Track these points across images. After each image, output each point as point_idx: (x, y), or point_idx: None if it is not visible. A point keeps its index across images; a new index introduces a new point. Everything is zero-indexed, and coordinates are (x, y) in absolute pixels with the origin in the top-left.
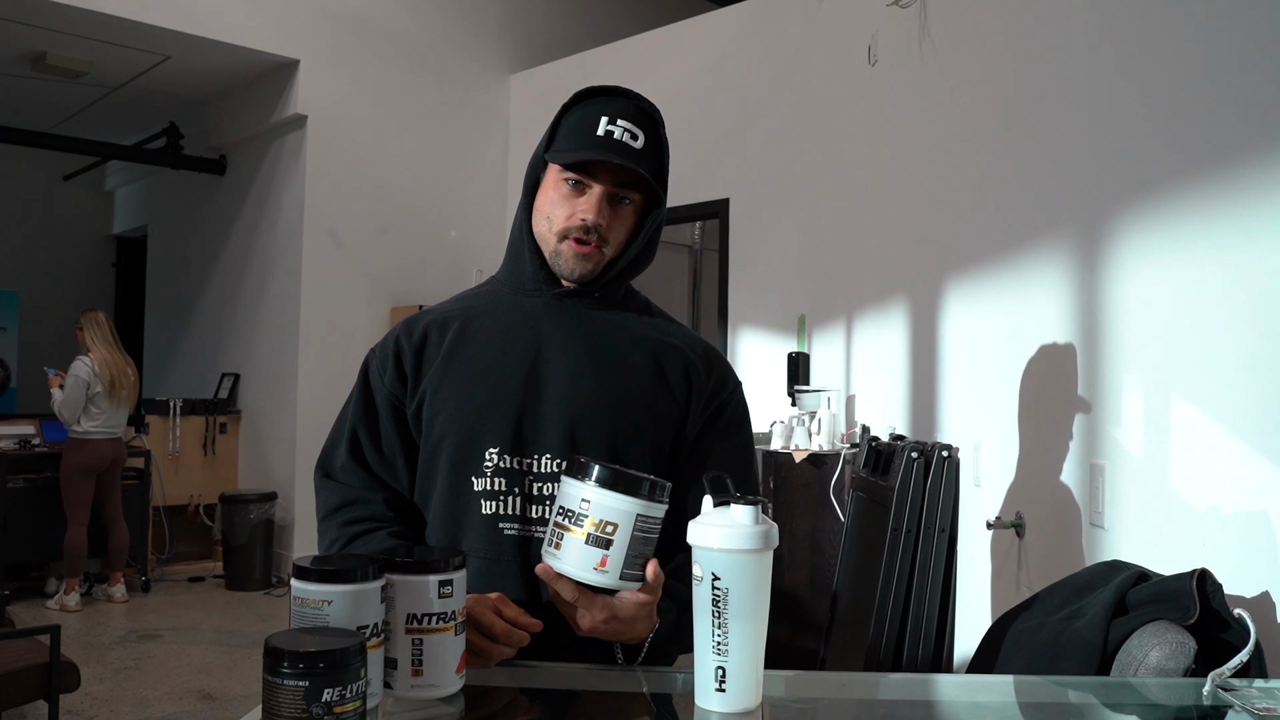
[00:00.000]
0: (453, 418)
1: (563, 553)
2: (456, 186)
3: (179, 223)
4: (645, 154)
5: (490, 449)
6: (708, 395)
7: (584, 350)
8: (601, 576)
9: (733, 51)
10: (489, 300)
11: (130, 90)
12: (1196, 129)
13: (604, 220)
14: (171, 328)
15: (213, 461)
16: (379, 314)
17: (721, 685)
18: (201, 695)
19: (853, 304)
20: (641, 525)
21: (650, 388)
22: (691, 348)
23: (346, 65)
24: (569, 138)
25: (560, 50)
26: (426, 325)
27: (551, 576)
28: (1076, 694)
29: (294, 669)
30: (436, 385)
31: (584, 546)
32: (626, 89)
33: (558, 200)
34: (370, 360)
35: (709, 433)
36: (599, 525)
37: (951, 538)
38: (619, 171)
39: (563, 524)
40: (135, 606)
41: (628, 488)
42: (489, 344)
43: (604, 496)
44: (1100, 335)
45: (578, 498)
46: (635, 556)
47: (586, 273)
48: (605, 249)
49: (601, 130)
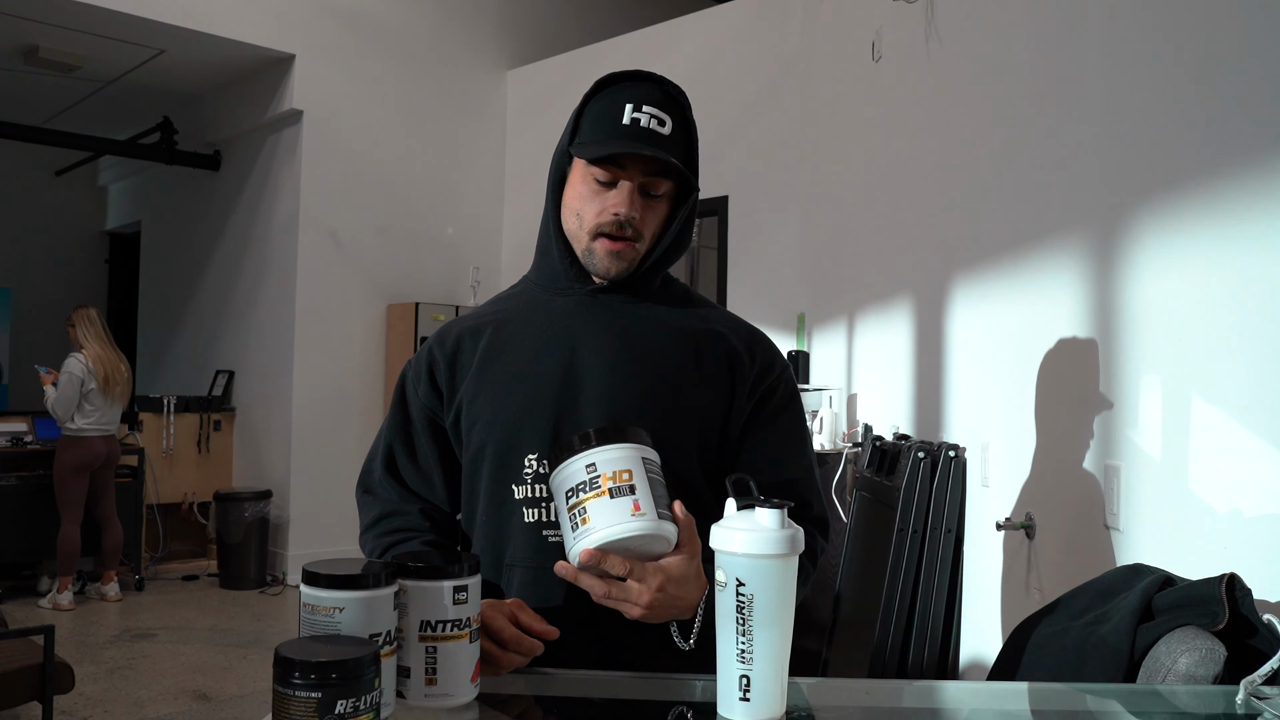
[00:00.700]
0: (489, 426)
1: (593, 522)
2: (453, 183)
3: (173, 219)
4: (674, 140)
5: (529, 455)
6: (753, 381)
7: (620, 346)
8: (640, 521)
9: (733, 48)
10: (521, 302)
11: (124, 85)
12: (1219, 126)
13: (637, 213)
14: (165, 324)
15: (207, 459)
16: (375, 311)
17: (745, 695)
18: (196, 695)
19: (854, 302)
20: (649, 468)
21: (691, 380)
22: (734, 332)
23: (342, 60)
24: (594, 129)
25: (558, 46)
26: (459, 334)
27: (592, 558)
28: (1107, 702)
29: (305, 680)
30: (473, 394)
31: (611, 502)
32: (650, 73)
33: (587, 196)
34: (406, 374)
35: (758, 419)
36: (615, 476)
37: (958, 539)
38: (649, 161)
39: (578, 500)
40: (129, 605)
41: (622, 437)
42: (523, 348)
43: (606, 452)
44: (1116, 335)
45: (581, 467)
46: (659, 497)
47: (621, 270)
48: (639, 244)
49: (627, 119)
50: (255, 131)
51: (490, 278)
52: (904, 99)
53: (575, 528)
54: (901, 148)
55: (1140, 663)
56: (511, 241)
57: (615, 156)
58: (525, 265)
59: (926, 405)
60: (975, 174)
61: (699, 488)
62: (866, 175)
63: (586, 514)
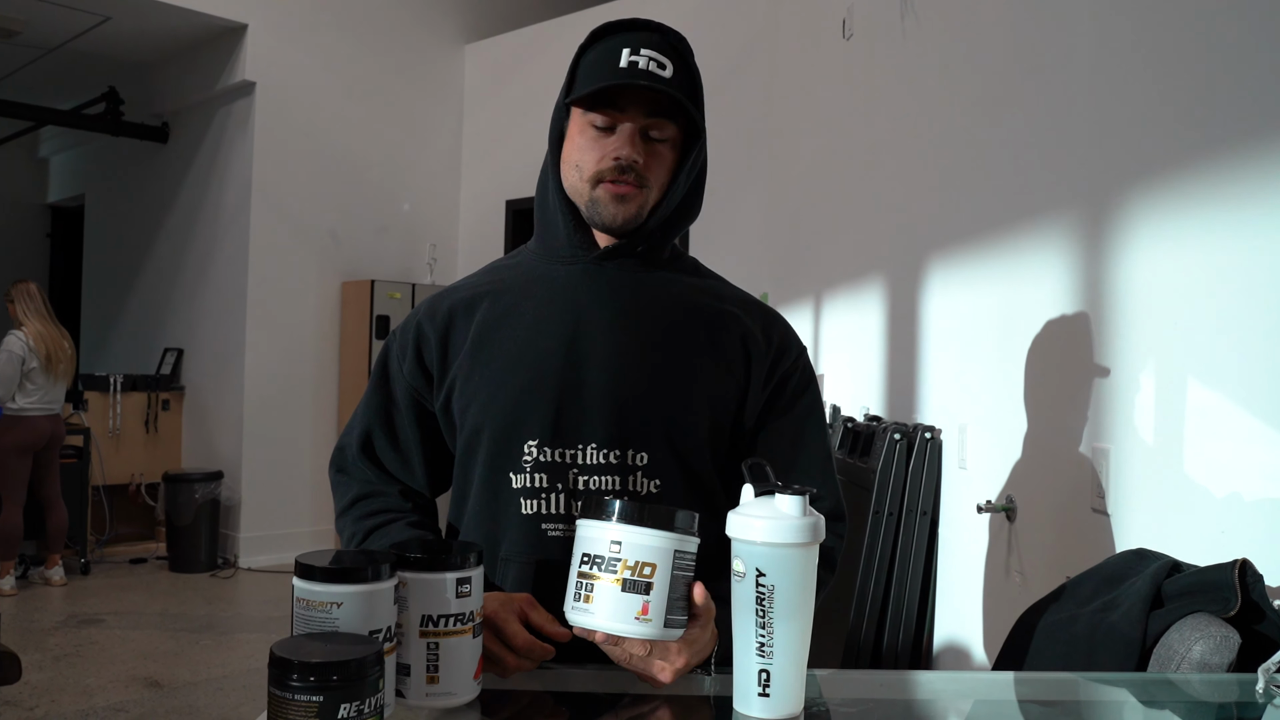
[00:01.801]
0: (485, 409)
1: (594, 606)
2: (410, 158)
3: (118, 192)
4: (675, 83)
5: (529, 441)
6: (769, 366)
7: (628, 323)
8: (644, 627)
9: (696, 24)
10: (520, 272)
11: (67, 52)
12: (1217, 106)
13: (639, 157)
14: (111, 301)
15: (155, 439)
16: (330, 288)
17: (765, 690)
18: (148, 683)
19: (821, 282)
20: (680, 563)
21: (705, 362)
22: (749, 313)
23: (297, 31)
24: (589, 76)
25: (517, 20)
26: (452, 306)
27: (594, 638)
28: (1123, 691)
29: (305, 681)
30: (467, 373)
31: (620, 594)
32: (647, 20)
33: (585, 145)
34: (390, 346)
35: (774, 408)
36: (635, 568)
37: (933, 521)
38: (649, 102)
39: (590, 572)
40: (74, 590)
41: (660, 522)
42: (522, 323)
43: (636, 535)
44: (1107, 317)
45: (605, 540)
46: (677, 600)
47: (629, 217)
48: (645, 190)
49: (624, 62)
50: (205, 103)
51: (447, 255)
52: (877, 77)
53: (578, 596)
54: (873, 127)
55: (1152, 650)
56: (469, 219)
57: (612, 97)
58: (483, 243)
59: (899, 387)
60: (953, 154)
61: (709, 479)
62: (835, 154)
63: (592, 593)
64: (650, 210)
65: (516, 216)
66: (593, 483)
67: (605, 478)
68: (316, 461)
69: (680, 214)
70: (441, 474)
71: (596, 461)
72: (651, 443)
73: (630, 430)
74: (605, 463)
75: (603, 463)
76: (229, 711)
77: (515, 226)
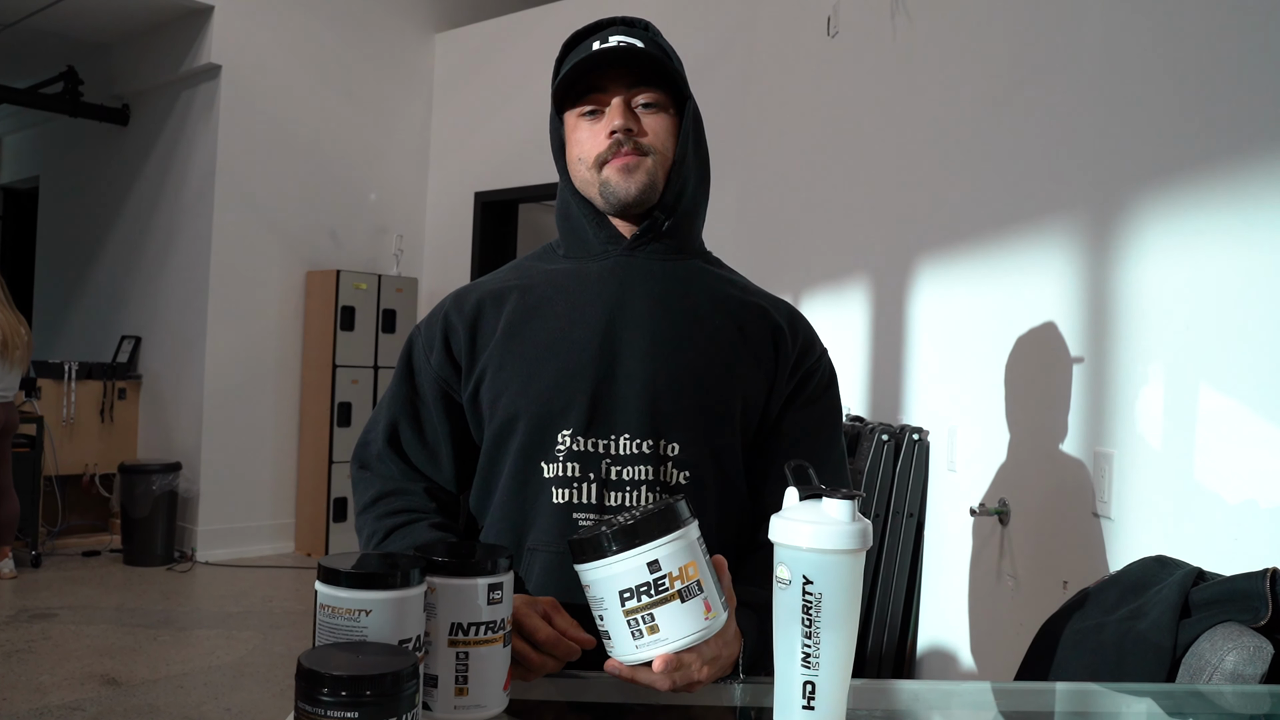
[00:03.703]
0: (517, 398)
1: (665, 631)
2: (377, 147)
3: (75, 175)
4: (649, 55)
5: (562, 430)
6: (794, 361)
7: (661, 314)
8: (713, 621)
9: (672, 17)
10: (548, 269)
11: (24, 29)
12: (1229, 107)
13: (633, 124)
14: (65, 287)
15: (110, 429)
16: (294, 277)
17: (809, 702)
18: (104, 680)
19: (800, 282)
20: (701, 546)
21: (736, 353)
22: (775, 308)
23: (264, 14)
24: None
25: (489, 10)
26: (480, 298)
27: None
28: (1158, 703)
29: (337, 697)
30: (498, 364)
31: (683, 607)
32: (614, 17)
33: (583, 137)
34: (415, 340)
35: (793, 404)
36: (682, 574)
37: (920, 523)
38: (628, 75)
39: (641, 605)
40: (25, 583)
41: (675, 521)
42: (555, 314)
43: (668, 546)
44: (1111, 322)
45: (639, 567)
46: (716, 581)
47: (642, 185)
48: (649, 157)
49: (595, 48)
50: (168, 86)
51: (414, 246)
52: (864, 76)
53: (638, 635)
54: (858, 125)
55: (1181, 659)
56: (436, 210)
57: (592, 82)
58: (451, 235)
59: (883, 388)
60: (946, 155)
61: (736, 471)
62: (816, 152)
63: (654, 622)
64: (665, 182)
65: (485, 209)
66: (626, 474)
67: (638, 468)
68: (278, 454)
69: (697, 182)
70: (468, 468)
71: (629, 451)
72: (685, 434)
73: (664, 421)
74: (638, 453)
75: (635, 453)
76: (190, 710)
77: (484, 219)
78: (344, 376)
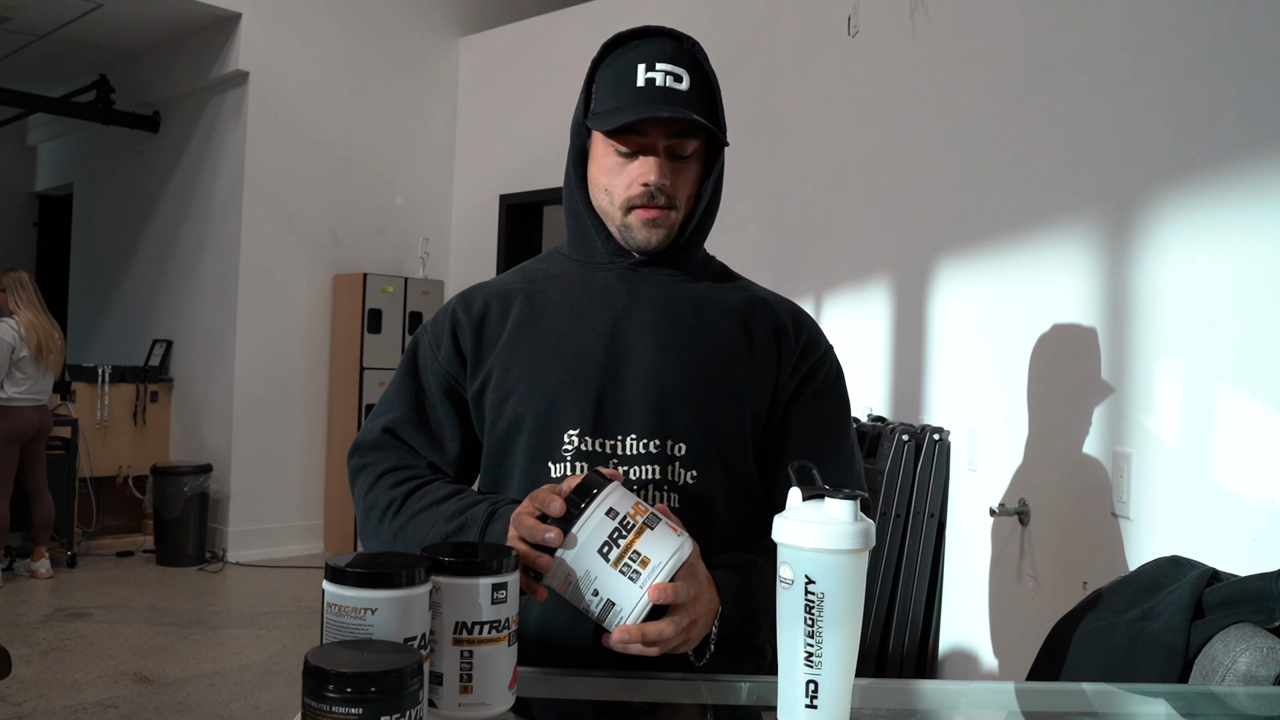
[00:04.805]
0: (525, 399)
1: (655, 558)
2: (403, 151)
3: (108, 181)
4: (694, 96)
5: (569, 431)
6: (798, 357)
7: (666, 318)
8: (685, 536)
9: (694, 19)
10: (554, 273)
11: (58, 39)
12: (1250, 103)
13: (667, 180)
14: (99, 291)
15: (143, 431)
16: (321, 281)
17: (813, 701)
18: (137, 678)
19: (823, 282)
20: (639, 492)
21: (741, 354)
22: (779, 306)
23: (290, 21)
24: (608, 96)
25: (512, 14)
26: (487, 299)
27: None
28: (1172, 704)
29: (342, 693)
30: (506, 365)
31: (655, 533)
32: (659, 27)
33: (612, 169)
34: (420, 339)
35: (800, 398)
36: (638, 510)
37: (941, 523)
38: (670, 123)
39: (624, 546)
40: (61, 583)
41: (603, 479)
42: (561, 318)
43: (614, 495)
44: (1130, 320)
45: (602, 516)
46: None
47: (661, 239)
48: (674, 210)
49: (641, 80)
50: (197, 93)
51: (440, 249)
52: (884, 75)
53: (635, 575)
54: (879, 125)
55: (1194, 661)
56: (462, 213)
57: (635, 124)
58: (476, 237)
59: (905, 388)
60: (966, 155)
61: (746, 471)
62: (838, 153)
63: (642, 555)
64: (680, 227)
65: (510, 211)
66: (632, 472)
67: (645, 467)
68: (307, 455)
69: (707, 218)
70: (470, 461)
71: (636, 451)
72: (691, 433)
73: (670, 421)
74: (645, 453)
75: (642, 453)
76: (220, 708)
77: (509, 221)
78: (371, 379)
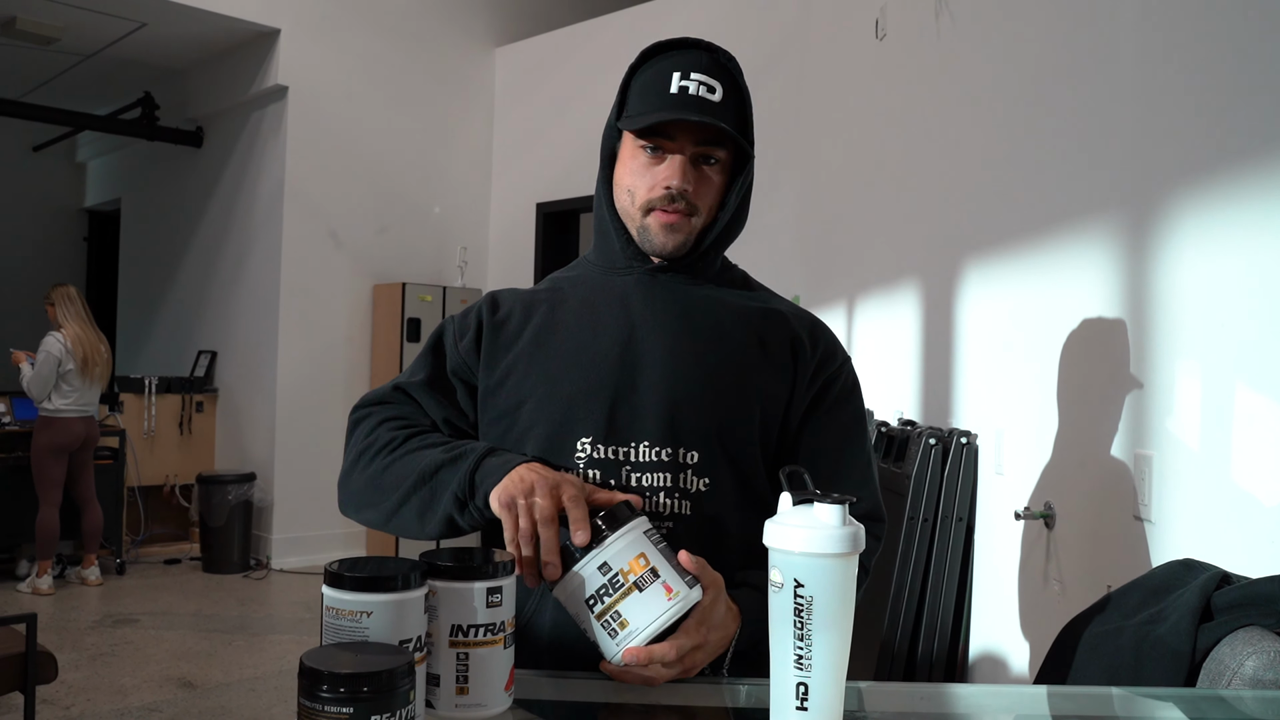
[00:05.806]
0: (540, 406)
1: (633, 623)
2: (440, 162)
3: (153, 196)
4: (725, 107)
5: (583, 438)
6: (814, 369)
7: (680, 327)
8: (677, 602)
9: (726, 25)
10: (578, 283)
11: (103, 59)
12: (1264, 105)
13: (689, 185)
14: (145, 304)
15: (189, 441)
16: (361, 291)
17: (803, 704)
18: (182, 683)
19: (854, 286)
20: (651, 537)
21: (755, 363)
22: (797, 318)
23: (328, 35)
24: (641, 100)
25: (547, 23)
26: (511, 304)
27: (640, 656)
28: (1176, 708)
29: (335, 693)
30: (524, 371)
31: (642, 596)
32: (697, 39)
33: (637, 170)
34: (446, 327)
35: (816, 411)
36: (633, 567)
37: (969, 527)
38: (699, 130)
39: (606, 606)
40: (110, 589)
41: (619, 520)
42: (578, 326)
43: (613, 545)
44: (1150, 321)
45: (593, 569)
46: (673, 565)
47: (678, 245)
48: (695, 217)
49: (675, 87)
50: (239, 108)
51: (478, 258)
52: (911, 78)
53: (614, 634)
54: (907, 128)
55: (1201, 664)
56: (499, 222)
57: (663, 126)
58: (513, 245)
59: (934, 391)
60: (990, 156)
61: (758, 478)
62: (868, 156)
63: (622, 617)
64: (699, 235)
65: (547, 220)
66: (646, 480)
67: (657, 475)
68: None
69: (728, 232)
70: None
71: (649, 459)
72: (702, 441)
73: (682, 429)
74: (657, 460)
75: (655, 460)
76: (261, 713)
77: (546, 229)
78: None
